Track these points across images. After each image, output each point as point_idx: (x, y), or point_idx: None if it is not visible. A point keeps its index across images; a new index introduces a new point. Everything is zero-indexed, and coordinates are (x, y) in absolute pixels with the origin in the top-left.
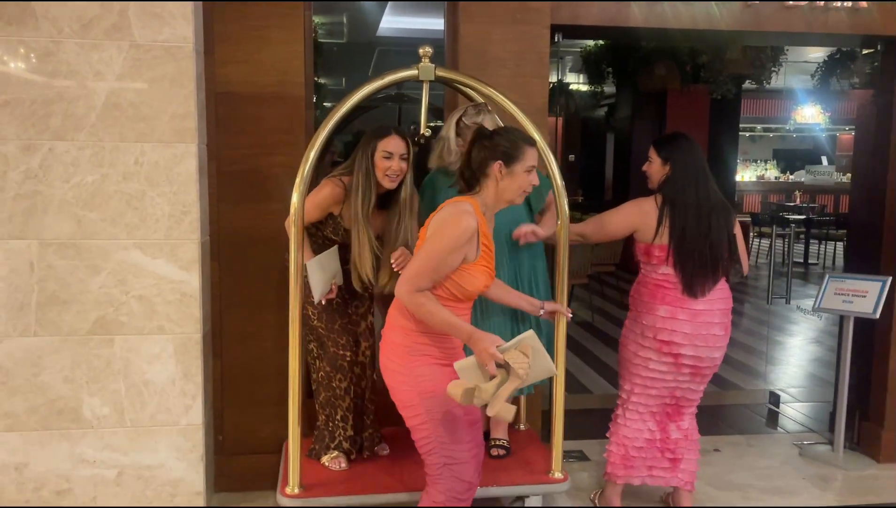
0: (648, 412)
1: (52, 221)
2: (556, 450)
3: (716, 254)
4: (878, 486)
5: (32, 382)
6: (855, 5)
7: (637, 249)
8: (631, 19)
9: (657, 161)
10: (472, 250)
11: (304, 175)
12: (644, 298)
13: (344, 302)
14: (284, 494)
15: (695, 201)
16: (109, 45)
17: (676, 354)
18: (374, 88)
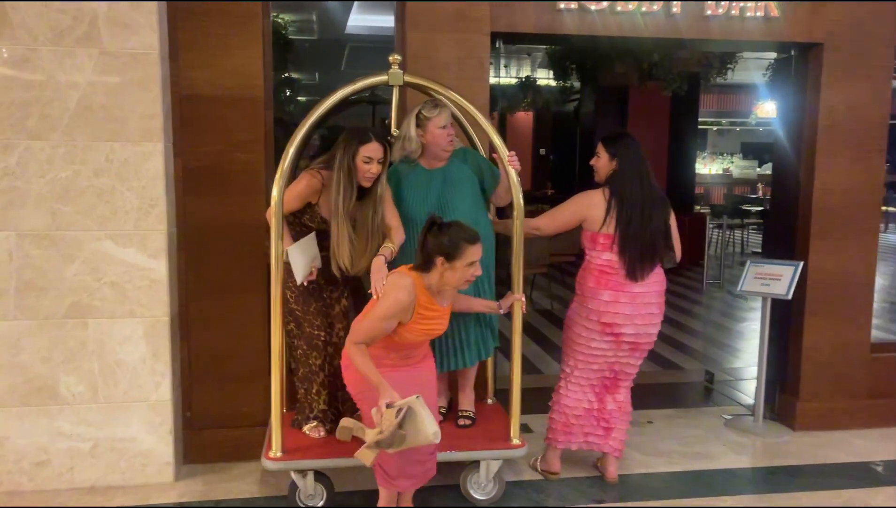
0: (589, 384)
1: (28, 214)
2: (514, 420)
3: (655, 242)
4: (789, 451)
5: (12, 362)
6: (768, 14)
7: (583, 236)
8: (564, 27)
9: (605, 156)
10: (405, 315)
11: (284, 170)
12: (589, 283)
13: (319, 287)
14: (268, 458)
15: (639, 194)
16: (81, 52)
17: (618, 333)
18: (347, 92)
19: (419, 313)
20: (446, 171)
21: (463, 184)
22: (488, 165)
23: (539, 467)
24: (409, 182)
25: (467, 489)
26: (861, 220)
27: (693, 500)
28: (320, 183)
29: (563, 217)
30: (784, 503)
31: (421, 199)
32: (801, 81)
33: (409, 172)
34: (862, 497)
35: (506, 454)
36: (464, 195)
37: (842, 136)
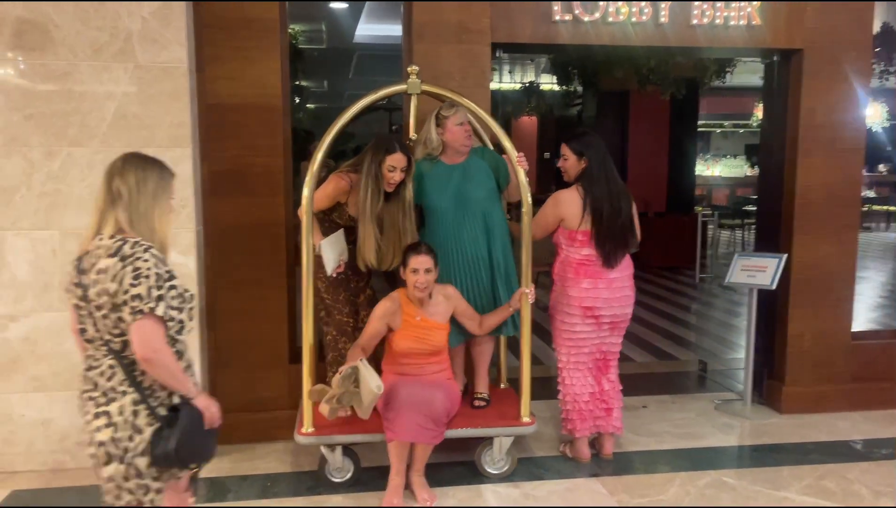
0: (586, 368)
1: (71, 214)
2: (525, 400)
3: (625, 232)
4: (774, 431)
5: (56, 350)
6: (751, 23)
7: (559, 234)
8: (559, 37)
9: (572, 157)
10: (395, 322)
11: (314, 172)
12: (569, 274)
13: (346, 278)
14: (300, 433)
15: (607, 189)
16: (117, 66)
17: (598, 316)
18: (369, 100)
19: (405, 320)
20: (465, 165)
21: (480, 177)
22: (503, 163)
23: (569, 454)
24: (430, 176)
25: (482, 464)
26: (841, 215)
27: (679, 474)
28: (348, 185)
29: (545, 222)
30: (765, 476)
31: (441, 190)
32: (784, 85)
33: (431, 167)
34: (838, 471)
35: (517, 430)
36: (480, 187)
37: (821, 136)
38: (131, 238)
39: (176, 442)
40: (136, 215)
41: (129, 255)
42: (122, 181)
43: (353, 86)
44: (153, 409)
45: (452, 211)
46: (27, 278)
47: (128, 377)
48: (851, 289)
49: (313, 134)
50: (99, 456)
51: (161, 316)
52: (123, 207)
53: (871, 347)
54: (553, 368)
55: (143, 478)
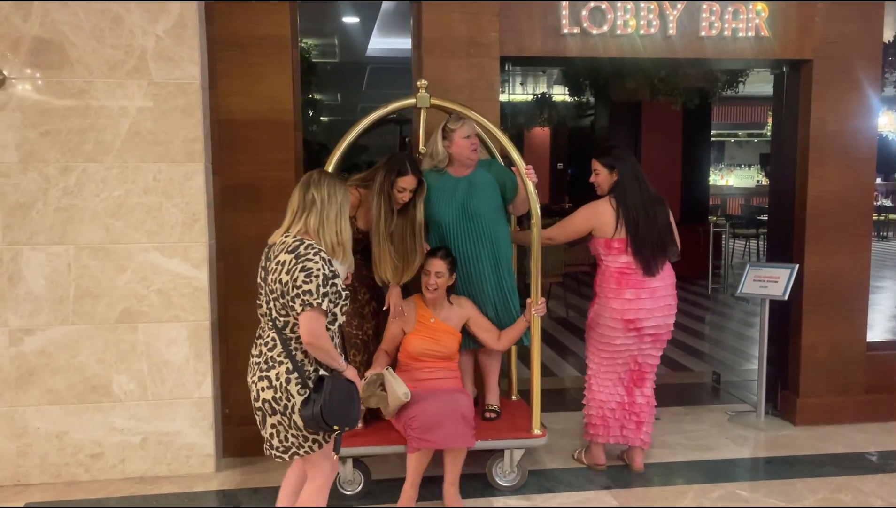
0: (617, 378)
1: (86, 228)
2: (535, 413)
3: (664, 238)
4: (788, 443)
5: (70, 363)
6: (759, 34)
7: (596, 243)
8: (568, 50)
9: (604, 171)
10: (408, 325)
11: None
12: (611, 285)
13: (354, 290)
14: None
15: (641, 198)
16: (131, 83)
17: (640, 328)
18: (380, 114)
19: (419, 321)
20: (471, 178)
21: (486, 190)
22: (510, 176)
23: (584, 461)
24: (437, 188)
25: (493, 476)
26: (854, 224)
27: (692, 486)
28: (357, 199)
29: (573, 226)
30: (779, 489)
31: (447, 202)
32: (794, 95)
33: (438, 179)
34: (854, 484)
35: (528, 443)
36: (486, 200)
37: (833, 145)
38: (307, 240)
39: (320, 407)
40: (326, 222)
41: (303, 255)
42: (318, 192)
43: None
44: (303, 378)
45: (457, 224)
46: (43, 291)
47: (285, 350)
48: (866, 299)
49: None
50: (264, 410)
51: (325, 310)
52: (316, 213)
53: (888, 357)
54: (566, 379)
55: (300, 431)
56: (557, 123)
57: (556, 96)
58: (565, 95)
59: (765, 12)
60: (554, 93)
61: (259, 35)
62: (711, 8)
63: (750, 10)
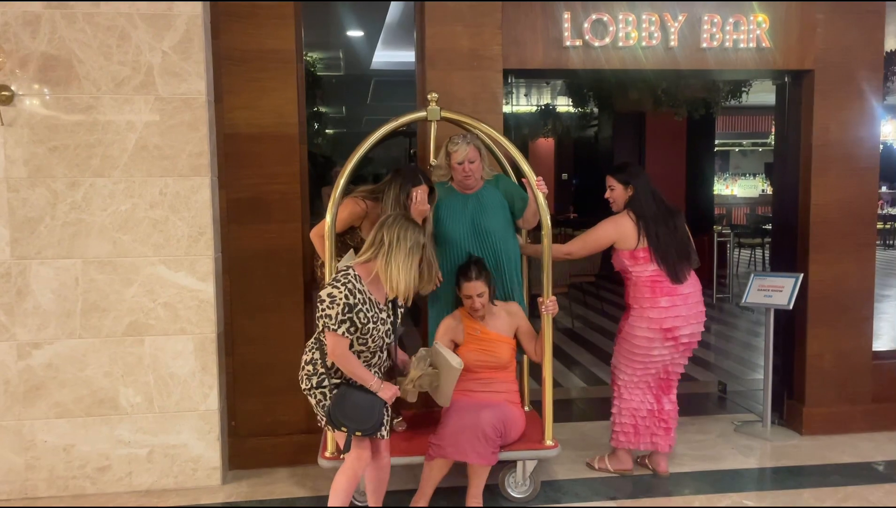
0: (647, 386)
1: (93, 243)
2: (548, 425)
3: (685, 246)
4: (795, 453)
5: (78, 376)
6: (760, 45)
7: (621, 256)
8: (570, 62)
9: (619, 187)
10: (458, 337)
11: (336, 199)
12: (645, 295)
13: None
14: (324, 457)
15: (658, 210)
16: (138, 98)
17: (677, 336)
18: (391, 127)
19: (467, 334)
20: (480, 195)
21: (494, 208)
22: (518, 191)
23: (609, 467)
24: (445, 205)
25: (505, 488)
26: (857, 233)
27: (698, 497)
28: (364, 211)
29: (594, 241)
30: (785, 499)
31: (457, 221)
32: (796, 105)
33: (446, 195)
34: (861, 494)
35: (541, 454)
36: (495, 218)
37: (835, 154)
38: (351, 270)
39: (329, 409)
40: (391, 263)
41: (335, 280)
42: (387, 233)
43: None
44: (331, 384)
45: (467, 241)
46: (51, 305)
47: (321, 358)
48: (871, 307)
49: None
50: (313, 404)
51: (342, 335)
52: (382, 254)
53: (894, 366)
54: (573, 390)
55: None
56: (562, 133)
57: (559, 107)
58: (569, 106)
59: (766, 23)
60: (558, 104)
61: (264, 49)
62: (713, 19)
63: (751, 21)
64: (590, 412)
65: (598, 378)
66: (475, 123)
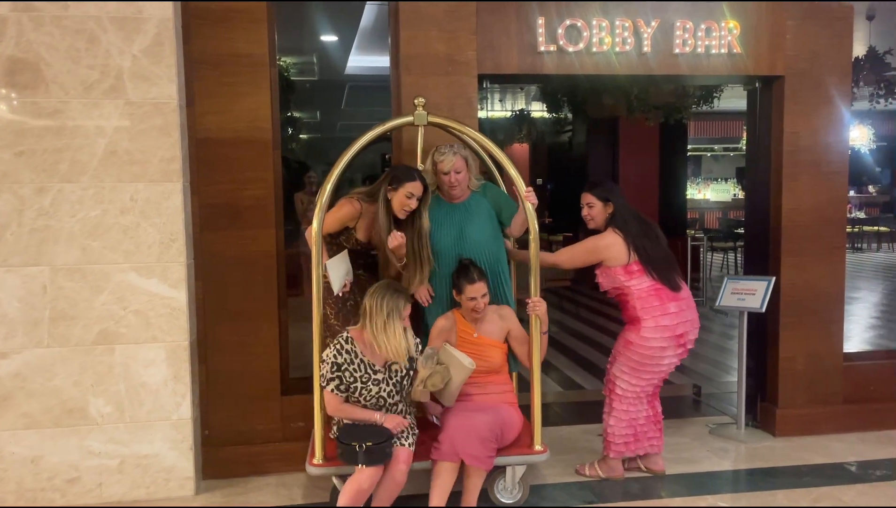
0: (645, 394)
1: (61, 249)
2: (537, 428)
3: (670, 254)
4: (769, 455)
5: (46, 386)
6: (731, 51)
7: (615, 273)
8: (545, 68)
9: (598, 204)
10: (451, 339)
11: (323, 204)
12: (653, 303)
13: (356, 304)
14: (312, 464)
15: (640, 224)
16: (108, 102)
17: (685, 343)
18: (377, 132)
19: (461, 337)
20: (467, 205)
21: (482, 217)
22: (506, 200)
23: (601, 473)
24: (434, 216)
25: (495, 494)
26: (828, 237)
27: (674, 500)
28: (359, 211)
29: (582, 255)
30: (760, 501)
31: (445, 233)
32: (767, 110)
33: (434, 204)
34: (834, 494)
35: (530, 459)
36: (483, 228)
37: (805, 159)
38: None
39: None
40: (373, 328)
41: (334, 342)
42: (370, 301)
43: (345, 117)
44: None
45: (455, 252)
46: (17, 314)
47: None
48: (841, 310)
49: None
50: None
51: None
52: (368, 321)
53: (864, 368)
54: (548, 394)
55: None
56: (536, 139)
57: (534, 113)
58: (543, 111)
59: (737, 29)
60: (532, 109)
61: (237, 53)
62: (685, 25)
63: (722, 27)
64: (567, 416)
65: (574, 383)
66: (462, 127)
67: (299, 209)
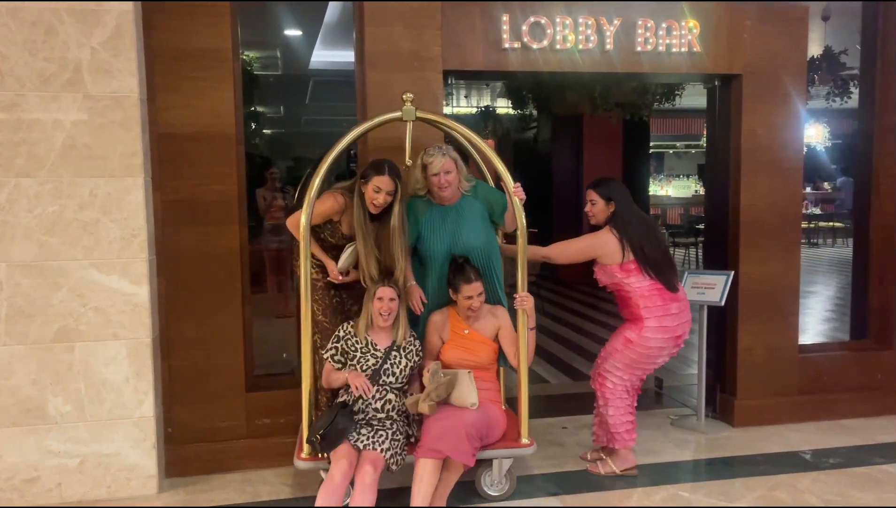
0: (633, 387)
1: (18, 246)
2: (524, 421)
3: (669, 257)
4: (727, 444)
5: (3, 385)
6: (692, 50)
7: (611, 270)
8: (509, 64)
9: (601, 202)
10: (444, 333)
11: (311, 200)
12: (656, 303)
13: (342, 301)
14: (299, 458)
15: (640, 225)
16: (66, 96)
17: (680, 344)
18: (365, 128)
19: (453, 332)
20: (459, 207)
21: (475, 219)
22: (497, 196)
23: (618, 469)
24: (425, 221)
25: (481, 486)
26: (784, 232)
27: (636, 490)
28: (342, 205)
29: (574, 252)
30: (719, 489)
31: (438, 237)
32: (726, 108)
33: (426, 209)
34: (789, 482)
35: (517, 452)
36: (476, 231)
37: (763, 156)
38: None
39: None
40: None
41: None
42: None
43: (310, 111)
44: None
45: (449, 256)
46: None
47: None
48: (797, 303)
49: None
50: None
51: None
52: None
53: (818, 359)
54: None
55: None
56: (501, 135)
57: (499, 109)
58: (509, 108)
59: (697, 29)
60: (498, 106)
61: (199, 47)
62: (646, 24)
63: (683, 26)
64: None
65: (539, 376)
66: (450, 123)
67: (261, 206)
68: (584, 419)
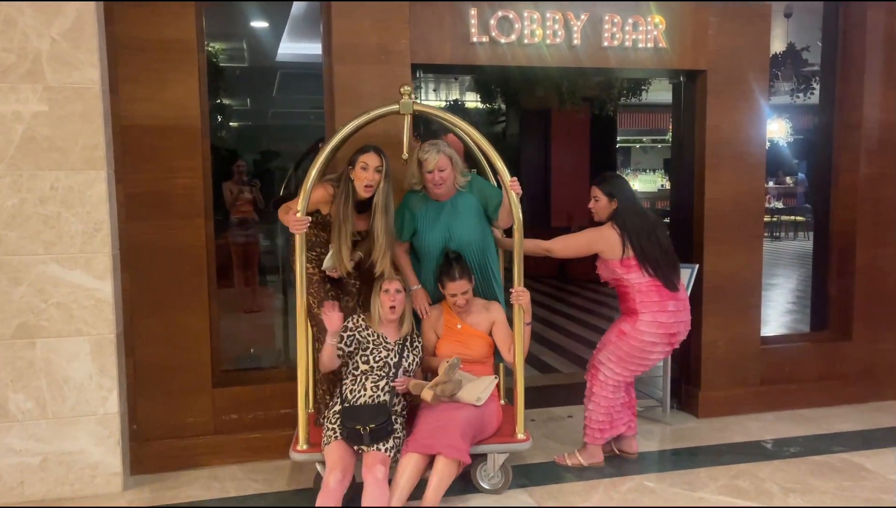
0: (625, 382)
1: None
2: (519, 418)
3: (671, 256)
4: (691, 435)
5: None
6: (657, 45)
7: (612, 265)
8: (477, 58)
9: (604, 199)
10: (438, 328)
11: (307, 191)
12: (653, 299)
13: (336, 296)
14: (295, 451)
15: (641, 223)
16: (25, 87)
17: (674, 342)
18: (361, 122)
19: (446, 326)
20: (454, 202)
21: (470, 215)
22: (493, 192)
23: (585, 462)
24: (421, 217)
25: (477, 479)
26: (747, 226)
27: (604, 480)
28: (331, 195)
29: (577, 245)
30: (683, 478)
31: (434, 233)
32: (690, 104)
33: (422, 204)
34: (751, 470)
35: (513, 447)
36: (471, 226)
37: (726, 151)
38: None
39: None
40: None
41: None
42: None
43: (277, 104)
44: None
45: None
46: None
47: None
48: (759, 296)
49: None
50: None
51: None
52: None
53: (779, 350)
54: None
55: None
56: None
57: (468, 103)
58: (477, 102)
59: (662, 25)
60: (466, 100)
61: (163, 38)
62: (613, 19)
63: (649, 22)
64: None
65: None
66: (448, 116)
67: (228, 199)
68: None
